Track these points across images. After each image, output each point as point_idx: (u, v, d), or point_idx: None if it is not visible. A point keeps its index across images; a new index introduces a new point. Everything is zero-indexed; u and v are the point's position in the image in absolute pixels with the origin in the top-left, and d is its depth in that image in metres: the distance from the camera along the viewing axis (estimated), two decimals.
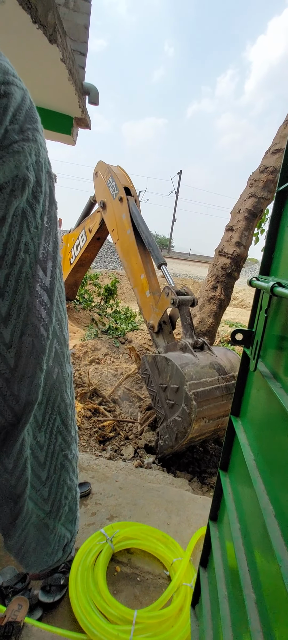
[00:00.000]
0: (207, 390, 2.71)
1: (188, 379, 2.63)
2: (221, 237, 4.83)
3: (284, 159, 0.76)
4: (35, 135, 0.39)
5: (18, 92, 0.39)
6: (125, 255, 4.03)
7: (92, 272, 9.54)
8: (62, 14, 2.61)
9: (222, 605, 0.89)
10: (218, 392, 2.80)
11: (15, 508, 0.46)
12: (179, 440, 2.74)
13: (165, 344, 3.41)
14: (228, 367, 3.04)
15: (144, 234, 3.81)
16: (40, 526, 0.52)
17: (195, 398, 2.59)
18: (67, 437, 0.52)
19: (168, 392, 2.80)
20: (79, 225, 5.99)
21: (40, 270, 0.40)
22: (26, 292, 0.38)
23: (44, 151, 0.42)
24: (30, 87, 1.79)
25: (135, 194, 4.35)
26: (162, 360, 2.84)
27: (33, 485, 0.48)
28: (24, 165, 0.37)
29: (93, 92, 2.83)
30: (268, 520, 0.66)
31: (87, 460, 2.76)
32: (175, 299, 3.19)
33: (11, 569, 1.64)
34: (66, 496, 0.54)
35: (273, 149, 4.36)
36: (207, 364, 2.91)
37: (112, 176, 4.35)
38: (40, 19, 1.69)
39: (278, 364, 0.73)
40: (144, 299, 3.70)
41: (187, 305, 3.28)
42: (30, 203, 0.39)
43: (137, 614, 1.47)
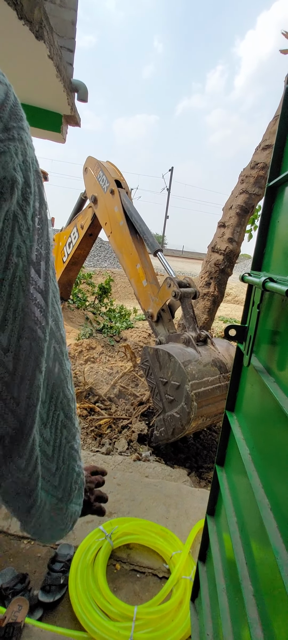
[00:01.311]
0: (208, 390, 2.69)
1: (190, 379, 2.60)
2: (214, 234, 4.84)
3: (273, 155, 0.77)
4: (20, 133, 0.38)
5: (1, 88, 0.37)
6: (119, 247, 3.98)
7: (85, 271, 9.50)
8: (49, 10, 2.57)
9: (221, 599, 0.90)
10: (219, 392, 2.79)
11: (29, 500, 0.48)
12: (175, 435, 2.77)
13: (165, 332, 3.37)
14: (230, 364, 3.01)
15: (137, 223, 3.77)
16: (54, 510, 0.55)
17: (196, 399, 2.57)
18: (72, 429, 0.55)
19: (168, 387, 2.78)
20: (71, 223, 5.93)
21: (33, 272, 0.40)
22: (21, 296, 0.39)
23: (30, 150, 0.41)
24: (17, 85, 1.76)
25: (126, 186, 4.30)
26: (164, 355, 2.78)
27: (44, 477, 0.50)
28: (11, 167, 0.36)
29: (82, 89, 2.80)
30: (264, 513, 0.67)
31: (84, 457, 2.76)
32: (177, 292, 3.11)
33: (11, 570, 1.64)
34: (76, 481, 0.58)
35: (264, 145, 4.38)
36: (209, 362, 2.87)
37: (102, 170, 4.29)
38: (26, 15, 1.67)
39: (271, 358, 0.74)
40: (141, 289, 3.66)
41: (189, 297, 3.20)
42: (21, 205, 0.38)
43: (137, 610, 1.48)
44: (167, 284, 3.25)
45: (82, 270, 8.66)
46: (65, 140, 3.38)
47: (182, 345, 2.98)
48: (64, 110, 3.02)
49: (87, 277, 8.54)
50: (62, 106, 2.92)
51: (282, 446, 0.65)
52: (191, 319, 3.14)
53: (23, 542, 1.85)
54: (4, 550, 1.79)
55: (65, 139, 3.37)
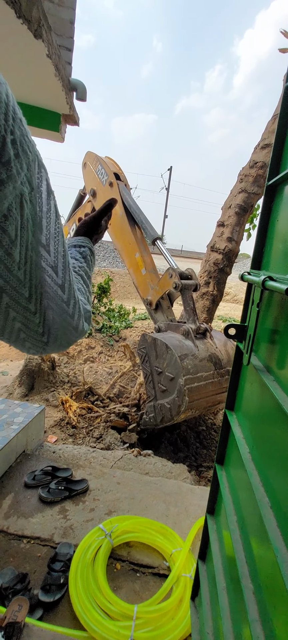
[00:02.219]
0: (201, 385, 2.74)
1: (185, 373, 2.63)
2: (213, 233, 4.84)
3: (272, 154, 0.77)
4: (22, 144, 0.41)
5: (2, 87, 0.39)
6: (118, 238, 4.04)
7: None
8: (47, 9, 2.56)
9: (221, 597, 0.90)
10: (212, 387, 2.83)
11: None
12: (164, 423, 2.83)
13: (164, 319, 3.39)
14: (226, 360, 3.06)
15: (136, 213, 3.82)
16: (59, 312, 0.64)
17: (188, 393, 2.61)
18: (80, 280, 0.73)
19: (162, 377, 2.81)
20: (70, 219, 5.95)
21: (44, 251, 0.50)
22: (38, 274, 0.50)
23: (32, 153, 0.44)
24: (16, 84, 1.76)
25: (124, 179, 4.34)
26: (162, 345, 2.80)
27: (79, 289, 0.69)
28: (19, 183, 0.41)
29: (80, 88, 2.79)
30: (264, 511, 0.67)
31: (84, 454, 2.76)
32: (178, 284, 3.11)
33: (10, 569, 1.64)
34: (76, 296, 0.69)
35: (263, 144, 4.38)
36: (205, 357, 2.90)
37: (101, 164, 4.34)
38: (24, 14, 1.66)
39: (271, 357, 0.74)
40: (140, 277, 3.69)
41: (189, 289, 3.20)
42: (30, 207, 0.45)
43: (137, 609, 1.48)
44: (168, 275, 3.25)
45: None
46: (64, 139, 3.37)
47: (181, 337, 2.99)
48: (63, 110, 3.02)
49: None
50: (60, 105, 2.91)
51: (282, 445, 0.65)
52: (191, 311, 3.15)
53: (23, 542, 1.85)
54: (4, 549, 1.79)
55: (64, 138, 3.36)
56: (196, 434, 3.61)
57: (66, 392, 4.04)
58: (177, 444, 3.35)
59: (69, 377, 4.48)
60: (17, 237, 0.43)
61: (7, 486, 2.21)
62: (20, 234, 0.43)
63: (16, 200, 0.40)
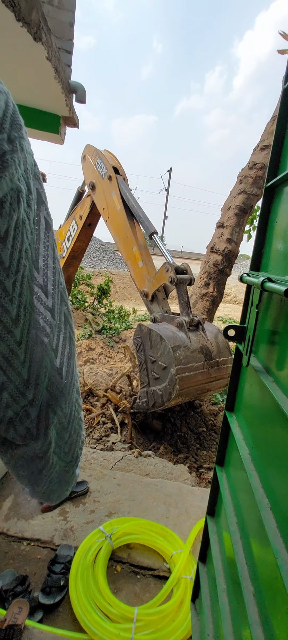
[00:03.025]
0: (192, 375, 2.91)
1: (177, 363, 2.80)
2: (212, 234, 4.85)
3: (271, 156, 0.77)
4: (22, 143, 0.40)
5: (1, 97, 0.38)
6: (116, 231, 4.13)
7: (84, 272, 9.50)
8: (47, 12, 2.57)
9: (221, 599, 0.90)
10: (201, 377, 3.01)
11: (41, 462, 0.55)
12: (155, 408, 3.05)
13: (159, 310, 3.51)
14: (216, 351, 3.24)
15: (134, 207, 3.92)
16: (62, 473, 0.62)
17: (179, 382, 2.79)
18: (80, 402, 0.62)
19: (156, 366, 2.98)
20: (69, 217, 5.99)
21: (34, 270, 0.45)
22: (28, 293, 0.44)
23: (30, 157, 0.43)
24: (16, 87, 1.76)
25: (123, 173, 4.42)
26: (156, 336, 2.96)
27: (58, 444, 0.57)
28: (16, 178, 0.38)
29: (80, 90, 2.80)
30: (264, 513, 0.67)
31: (85, 455, 2.76)
32: (174, 278, 3.24)
33: (10, 572, 1.63)
34: (80, 447, 0.66)
35: (262, 145, 4.39)
36: (197, 348, 3.06)
37: (100, 157, 4.42)
38: (24, 16, 1.67)
39: (270, 358, 0.74)
40: (137, 270, 3.80)
41: (184, 284, 3.33)
42: (27, 212, 0.42)
43: (138, 611, 1.48)
44: (165, 269, 3.37)
45: (81, 272, 8.66)
46: (64, 141, 3.38)
47: (175, 329, 3.14)
48: (62, 112, 3.02)
49: (86, 279, 8.53)
50: (60, 107, 2.92)
51: (282, 446, 0.65)
52: (185, 305, 3.30)
53: (23, 544, 1.85)
54: (4, 552, 1.79)
55: (64, 140, 3.37)
56: (196, 435, 3.60)
57: None
58: (177, 445, 3.35)
59: None
60: (8, 235, 0.38)
61: (7, 488, 2.21)
62: (13, 234, 0.39)
63: (13, 195, 0.38)
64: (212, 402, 4.36)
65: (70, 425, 0.58)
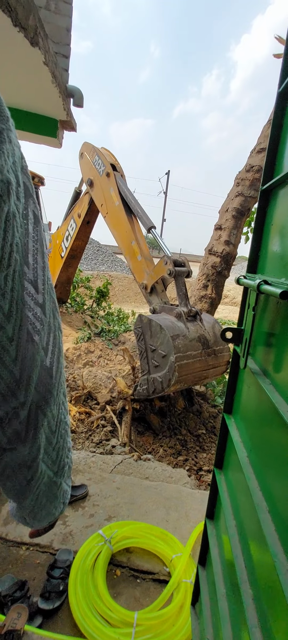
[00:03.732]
0: (190, 362, 3.05)
1: (176, 352, 2.93)
2: (210, 236, 4.86)
3: (267, 158, 0.77)
4: (9, 135, 0.39)
5: None
6: (115, 226, 4.24)
7: (83, 275, 9.50)
8: (43, 17, 2.58)
9: (221, 603, 0.89)
10: (198, 365, 3.16)
11: (29, 472, 0.52)
12: (156, 394, 3.19)
13: (158, 301, 3.66)
14: (213, 340, 3.39)
15: (132, 203, 4.04)
16: (50, 484, 0.60)
17: (178, 369, 2.92)
18: (66, 405, 0.60)
19: (156, 354, 3.11)
20: (67, 217, 6.05)
21: (24, 265, 0.44)
22: (20, 289, 0.42)
23: (17, 149, 0.42)
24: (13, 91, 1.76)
25: (120, 170, 4.53)
26: (156, 326, 3.08)
27: (46, 450, 0.55)
28: (6, 170, 0.37)
29: (77, 94, 2.81)
30: (262, 516, 0.67)
31: (84, 458, 2.75)
32: (172, 270, 3.38)
33: (9, 577, 1.62)
34: (67, 455, 0.63)
35: (258, 148, 4.41)
36: (195, 337, 3.20)
37: (98, 154, 4.54)
38: (21, 22, 1.67)
39: (267, 360, 0.74)
40: (136, 263, 3.92)
41: (182, 276, 3.48)
42: (16, 205, 0.40)
43: (138, 616, 1.47)
44: (163, 261, 3.50)
45: (79, 274, 8.66)
46: (62, 145, 3.39)
47: (174, 319, 3.28)
48: (60, 116, 3.03)
49: (85, 281, 8.54)
50: (57, 112, 2.93)
51: (279, 448, 0.65)
52: (183, 296, 3.42)
53: (22, 549, 1.84)
54: (3, 557, 1.78)
55: (62, 144, 3.37)
56: (196, 437, 3.60)
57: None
58: (176, 447, 3.34)
59: (68, 381, 4.47)
60: None
61: None
62: (4, 226, 0.38)
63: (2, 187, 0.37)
64: (211, 404, 4.36)
65: (57, 429, 0.56)
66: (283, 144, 0.74)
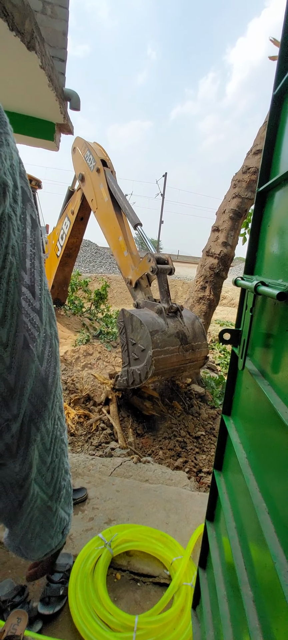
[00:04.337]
0: (167, 357, 3.21)
1: (154, 347, 3.08)
2: (208, 238, 4.87)
3: (262, 160, 0.77)
4: (7, 139, 0.39)
5: None
6: (104, 221, 4.37)
7: (81, 278, 9.50)
8: (40, 21, 2.59)
9: (222, 605, 0.89)
10: (176, 359, 3.32)
11: (21, 491, 0.49)
12: (134, 385, 3.38)
13: (142, 296, 3.83)
14: (191, 336, 3.53)
15: (120, 200, 4.16)
16: (44, 509, 0.55)
17: (155, 363, 3.09)
18: (63, 422, 0.56)
19: (135, 348, 3.27)
20: (62, 215, 6.12)
21: (21, 270, 0.42)
22: (16, 293, 0.40)
23: (15, 153, 0.42)
24: (10, 95, 1.77)
25: (111, 166, 4.64)
26: (137, 321, 3.24)
27: (39, 470, 0.51)
28: (2, 171, 0.37)
29: (74, 97, 2.82)
30: (261, 517, 0.67)
31: (83, 461, 2.74)
32: (155, 268, 3.55)
33: (9, 582, 1.61)
34: (64, 478, 0.58)
35: (255, 150, 4.43)
36: (173, 333, 3.35)
37: (90, 150, 4.65)
38: (17, 26, 1.68)
39: (265, 361, 0.74)
40: (123, 259, 4.08)
41: (165, 273, 3.62)
42: (13, 207, 0.39)
43: (138, 620, 1.46)
44: (147, 259, 3.66)
45: (78, 278, 8.66)
46: (59, 148, 3.40)
47: (155, 315, 3.42)
48: (57, 119, 3.04)
49: (83, 285, 8.54)
50: (54, 115, 2.94)
51: (278, 449, 0.65)
52: (165, 292, 3.59)
53: None
54: (2, 561, 1.77)
55: (59, 147, 3.38)
56: (195, 439, 3.59)
57: (64, 400, 4.01)
58: (176, 449, 3.34)
59: (66, 384, 4.46)
60: None
61: None
62: None
63: None
64: (210, 405, 4.35)
65: (52, 446, 0.52)
66: (278, 146, 0.75)
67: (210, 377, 5.10)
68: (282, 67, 0.75)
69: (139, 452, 3.26)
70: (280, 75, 0.74)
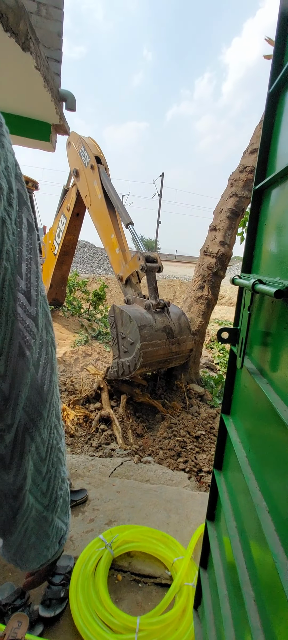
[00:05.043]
0: (154, 350, 3.43)
1: (142, 340, 3.29)
2: (205, 237, 4.87)
3: (258, 158, 0.77)
4: (2, 140, 0.38)
5: None
6: (97, 218, 4.47)
7: (79, 279, 9.48)
8: (35, 22, 2.58)
9: (223, 605, 0.89)
10: (162, 352, 3.55)
11: (15, 503, 0.47)
12: (124, 376, 3.61)
13: (132, 292, 4.01)
14: (177, 331, 3.77)
15: (113, 198, 4.25)
16: (39, 519, 0.54)
17: (143, 355, 3.30)
18: (60, 430, 0.55)
19: (125, 341, 3.48)
20: (58, 214, 6.17)
21: (17, 275, 0.41)
22: (11, 299, 0.39)
23: (11, 155, 0.41)
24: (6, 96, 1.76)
25: (105, 163, 4.71)
26: (126, 316, 3.42)
27: (34, 480, 0.50)
28: None
29: (70, 98, 2.81)
30: (262, 516, 0.66)
31: (83, 462, 2.73)
32: (144, 266, 3.73)
33: (9, 585, 1.61)
34: (61, 487, 0.57)
35: (251, 149, 4.43)
36: (160, 328, 3.57)
37: (84, 146, 4.70)
38: (11, 27, 1.67)
39: (263, 360, 0.74)
40: (114, 255, 4.20)
41: (153, 271, 3.82)
42: (7, 211, 0.38)
43: (140, 621, 1.46)
44: (137, 257, 3.83)
45: (76, 278, 8.65)
46: (55, 148, 3.39)
47: (144, 310, 3.62)
48: (53, 120, 3.03)
49: (81, 285, 8.52)
50: (50, 116, 2.93)
51: (277, 447, 0.65)
52: (153, 289, 3.79)
53: None
54: (3, 564, 1.76)
55: (55, 148, 3.38)
56: (195, 438, 3.59)
57: (63, 401, 4.00)
58: (176, 449, 3.33)
59: (65, 385, 4.45)
60: None
61: None
62: None
63: None
64: (210, 405, 4.35)
65: (48, 456, 0.51)
66: (274, 143, 0.75)
67: (210, 377, 5.10)
68: (277, 65, 0.74)
69: (139, 452, 3.26)
70: (275, 73, 0.74)
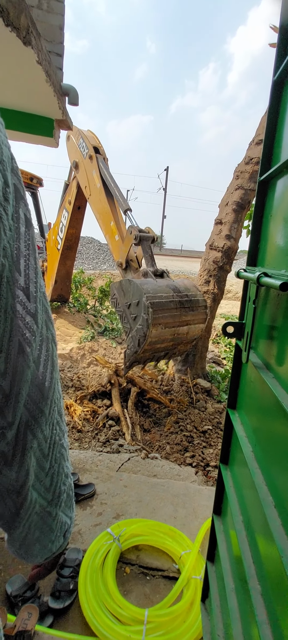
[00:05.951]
0: (162, 301, 3.24)
1: (146, 293, 3.18)
2: (211, 231, 4.82)
3: (264, 148, 0.75)
4: None
5: None
6: (96, 207, 4.54)
7: (85, 275, 9.51)
8: (36, 16, 2.56)
9: (230, 599, 0.89)
10: (172, 305, 3.33)
11: (18, 498, 0.48)
12: (141, 345, 3.26)
13: (132, 276, 3.95)
14: (183, 288, 3.58)
15: (111, 186, 4.29)
16: (43, 514, 0.54)
17: (152, 306, 3.14)
18: (62, 426, 0.55)
19: (131, 307, 3.35)
20: (60, 208, 6.24)
21: (15, 272, 0.40)
22: (9, 296, 0.38)
23: (6, 149, 0.40)
24: (7, 92, 1.75)
25: (103, 153, 4.77)
26: (126, 282, 3.37)
27: (37, 476, 0.50)
28: None
29: (72, 92, 2.79)
30: (268, 511, 0.66)
31: (91, 457, 2.75)
32: (137, 235, 3.73)
33: (19, 577, 1.64)
34: (64, 483, 0.57)
35: (257, 140, 4.35)
36: (163, 285, 3.45)
37: (82, 137, 4.78)
38: (12, 21, 1.66)
39: (269, 354, 0.73)
40: (114, 242, 4.23)
41: (148, 240, 3.82)
42: (3, 206, 0.37)
43: (148, 613, 1.47)
44: (129, 231, 3.85)
45: (82, 275, 8.67)
46: (58, 144, 3.37)
47: (142, 278, 3.59)
48: (56, 115, 3.01)
49: (87, 282, 8.54)
50: (53, 111, 2.91)
51: (283, 442, 0.64)
52: (149, 257, 3.77)
53: None
54: (13, 557, 1.79)
55: (58, 143, 3.36)
56: (202, 433, 3.59)
57: (70, 397, 4.04)
58: (183, 444, 3.34)
59: (72, 381, 4.48)
60: None
61: None
62: None
63: None
64: (217, 400, 4.34)
65: (50, 452, 0.51)
66: (280, 132, 0.73)
67: (216, 371, 5.09)
68: (281, 53, 0.72)
69: (146, 447, 3.27)
70: (280, 60, 0.72)
